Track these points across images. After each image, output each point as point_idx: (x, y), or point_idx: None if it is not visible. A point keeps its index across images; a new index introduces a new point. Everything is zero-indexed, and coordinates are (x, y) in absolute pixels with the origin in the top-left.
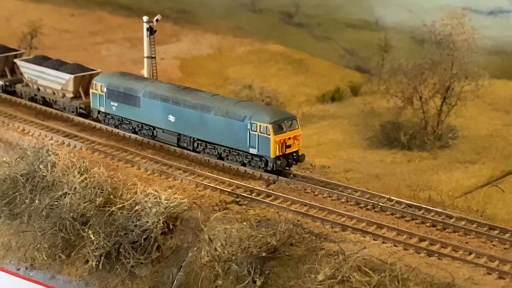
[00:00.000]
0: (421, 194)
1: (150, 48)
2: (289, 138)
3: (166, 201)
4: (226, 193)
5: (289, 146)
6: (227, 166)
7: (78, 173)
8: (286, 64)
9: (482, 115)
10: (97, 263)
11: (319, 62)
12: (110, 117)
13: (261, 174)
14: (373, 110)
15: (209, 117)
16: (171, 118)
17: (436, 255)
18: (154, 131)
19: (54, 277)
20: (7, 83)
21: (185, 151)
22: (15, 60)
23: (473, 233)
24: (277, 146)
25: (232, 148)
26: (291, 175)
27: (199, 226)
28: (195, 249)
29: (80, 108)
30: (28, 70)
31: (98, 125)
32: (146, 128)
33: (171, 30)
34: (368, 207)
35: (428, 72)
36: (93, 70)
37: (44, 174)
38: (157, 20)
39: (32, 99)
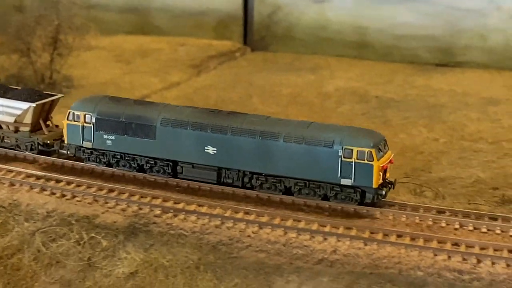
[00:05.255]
0: None
1: None
2: (388, 163)
3: None
4: None
5: (385, 172)
6: None
7: None
8: None
9: (106, 66)
10: None
11: None
12: (99, 153)
13: None
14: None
15: (275, 145)
16: (210, 150)
17: None
18: (177, 167)
19: None
20: None
21: None
22: None
23: None
24: (380, 173)
25: (311, 180)
26: None
27: None
28: None
29: (43, 144)
30: None
31: None
32: (163, 164)
33: None
34: None
35: (35, 25)
36: (52, 94)
37: None
38: None
39: None
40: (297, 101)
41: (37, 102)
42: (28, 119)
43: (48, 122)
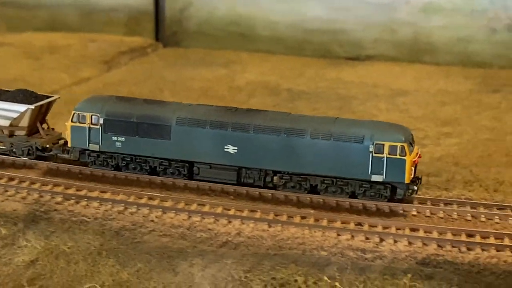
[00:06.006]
0: None
1: None
2: (418, 158)
3: None
4: None
5: (416, 167)
6: None
7: None
8: None
9: (15, 62)
10: None
11: None
12: (107, 156)
13: None
14: None
15: (301, 142)
16: (230, 149)
17: None
18: (194, 168)
19: None
20: None
21: None
22: None
23: None
24: (412, 168)
25: (339, 178)
26: None
27: None
28: None
29: (41, 148)
30: None
31: None
32: (178, 165)
33: None
34: None
35: None
36: (48, 96)
37: None
38: None
39: None
40: (208, 95)
41: (35, 104)
42: (25, 122)
43: (44, 125)
